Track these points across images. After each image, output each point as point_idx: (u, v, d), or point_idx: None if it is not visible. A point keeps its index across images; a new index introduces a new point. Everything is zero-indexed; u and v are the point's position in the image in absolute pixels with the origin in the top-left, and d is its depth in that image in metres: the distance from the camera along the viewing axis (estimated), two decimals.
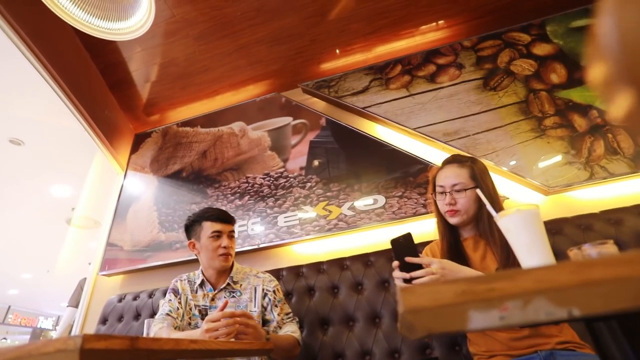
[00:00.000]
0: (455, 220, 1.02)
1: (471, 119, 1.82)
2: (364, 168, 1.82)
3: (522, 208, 0.49)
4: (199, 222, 1.22)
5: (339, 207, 1.75)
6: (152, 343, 0.46)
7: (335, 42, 2.21)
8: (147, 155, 2.43)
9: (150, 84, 2.43)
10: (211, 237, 1.19)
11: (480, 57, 1.99)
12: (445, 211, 1.03)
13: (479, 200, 1.00)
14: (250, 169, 2.01)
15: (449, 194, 1.02)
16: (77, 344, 0.37)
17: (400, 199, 1.68)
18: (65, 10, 1.20)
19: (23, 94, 2.54)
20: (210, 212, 1.23)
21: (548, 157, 1.61)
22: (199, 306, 1.18)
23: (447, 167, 1.07)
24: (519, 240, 0.48)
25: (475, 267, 0.99)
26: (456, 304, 0.18)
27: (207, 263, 1.23)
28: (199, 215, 1.24)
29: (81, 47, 2.13)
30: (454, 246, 1.03)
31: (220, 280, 1.24)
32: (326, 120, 2.03)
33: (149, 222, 2.13)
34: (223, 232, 1.21)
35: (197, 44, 2.15)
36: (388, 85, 2.04)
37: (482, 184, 1.01)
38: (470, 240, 1.05)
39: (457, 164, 1.06)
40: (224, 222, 1.22)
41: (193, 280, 1.25)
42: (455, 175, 1.03)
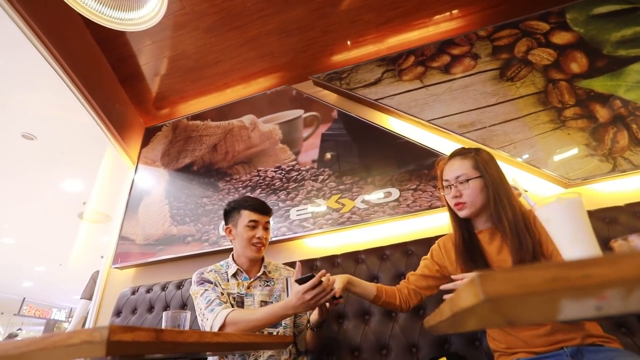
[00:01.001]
0: (464, 213, 0.99)
1: (487, 110, 1.78)
2: (377, 161, 1.79)
3: (564, 196, 0.46)
4: (238, 210, 1.23)
5: (352, 200, 1.73)
6: (177, 335, 0.45)
7: (346, 34, 2.17)
8: (158, 149, 2.43)
9: (160, 77, 2.42)
10: (247, 226, 1.20)
11: (497, 47, 1.93)
12: (453, 205, 1.01)
13: (486, 191, 0.97)
14: (261, 162, 2.00)
15: (454, 186, 1.00)
16: (104, 335, 0.35)
17: (415, 191, 1.65)
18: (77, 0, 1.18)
19: (36, 90, 2.55)
20: (250, 201, 1.24)
21: (568, 149, 1.56)
22: (233, 294, 1.18)
23: (451, 160, 1.05)
24: (561, 231, 0.46)
25: (491, 261, 0.96)
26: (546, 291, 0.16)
27: (240, 251, 1.24)
28: (238, 202, 1.25)
29: (92, 41, 2.13)
30: (468, 240, 1.00)
31: (254, 269, 1.26)
32: (338, 112, 2.00)
33: (161, 216, 2.13)
34: (259, 222, 1.22)
35: (207, 37, 2.13)
36: (401, 77, 2.00)
37: (485, 174, 0.98)
38: (485, 232, 1.01)
39: (460, 156, 1.04)
40: (262, 212, 1.23)
41: (222, 271, 1.24)
42: (457, 167, 1.01)
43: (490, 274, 0.18)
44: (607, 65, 1.67)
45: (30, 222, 5.26)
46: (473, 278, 0.18)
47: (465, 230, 1.02)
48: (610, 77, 1.65)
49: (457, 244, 1.02)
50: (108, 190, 3.62)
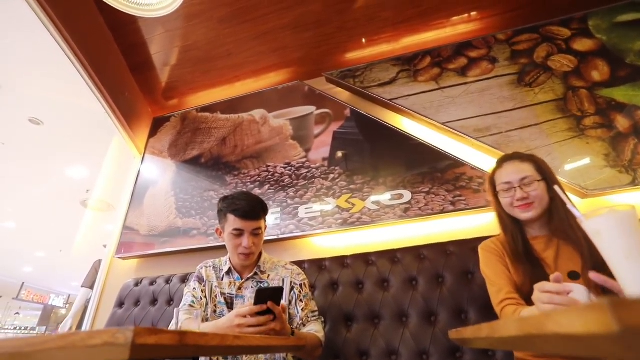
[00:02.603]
0: (531, 214, 0.96)
1: (504, 115, 1.74)
2: (389, 161, 1.76)
3: (617, 208, 0.44)
4: (225, 213, 1.14)
5: (363, 201, 1.70)
6: (199, 339, 0.42)
7: (362, 31, 2.13)
8: (166, 139, 2.40)
9: (170, 67, 2.39)
10: (232, 234, 1.12)
11: (515, 52, 1.90)
12: (517, 206, 0.97)
13: (550, 194, 0.96)
14: (270, 158, 1.97)
15: (519, 188, 0.97)
16: (129, 338, 0.33)
17: (427, 195, 1.62)
18: None
19: (45, 74, 2.53)
20: (238, 204, 1.13)
21: (586, 159, 1.53)
22: (224, 294, 1.14)
23: (509, 163, 1.04)
24: (614, 244, 0.43)
25: (548, 269, 0.92)
26: None
27: (230, 255, 1.19)
28: (227, 204, 1.15)
29: (104, 27, 2.10)
30: (522, 246, 0.96)
31: (247, 269, 1.19)
32: (351, 111, 1.96)
33: (166, 208, 2.11)
34: (245, 230, 1.11)
35: (221, 27, 2.10)
36: (416, 78, 1.97)
37: (549, 178, 0.98)
38: (540, 239, 0.98)
39: (519, 159, 1.03)
40: (250, 218, 1.12)
41: (219, 267, 1.21)
42: (521, 170, 1.00)
43: (625, 301, 0.15)
44: (629, 75, 1.63)
45: (32, 207, 5.25)
46: (600, 304, 0.15)
47: (519, 235, 0.99)
48: (633, 87, 1.61)
49: (512, 250, 0.97)
50: (113, 179, 3.60)
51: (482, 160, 1.67)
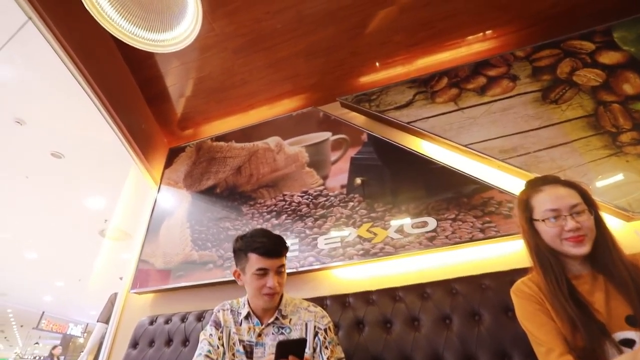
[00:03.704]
0: (585, 249, 0.83)
1: (530, 134, 1.66)
2: (411, 187, 1.68)
3: None
4: (245, 253, 1.07)
5: (385, 230, 1.61)
6: None
7: (375, 55, 2.12)
8: (181, 170, 2.40)
9: (185, 98, 2.42)
10: (256, 274, 1.05)
11: (537, 68, 1.83)
12: (567, 238, 0.84)
13: (597, 228, 0.84)
14: (287, 186, 1.92)
15: (570, 217, 0.84)
16: None
17: (454, 222, 1.53)
18: (111, 21, 1.17)
19: (65, 109, 2.60)
20: (258, 242, 1.06)
21: (628, 178, 1.41)
22: (243, 341, 1.06)
23: (553, 187, 0.90)
24: None
25: (599, 315, 0.78)
26: None
27: (251, 298, 1.11)
28: (247, 242, 1.08)
29: (122, 62, 2.15)
30: (565, 287, 0.82)
31: (268, 313, 1.11)
32: (368, 135, 1.91)
33: (182, 240, 2.06)
34: (270, 269, 1.05)
35: (234, 57, 2.12)
36: (434, 99, 1.91)
37: (594, 207, 0.86)
38: (584, 278, 0.85)
39: (562, 184, 0.90)
40: (274, 256, 1.06)
41: (237, 311, 1.14)
42: (569, 195, 0.87)
43: None
44: None
45: (52, 238, 5.35)
46: None
47: (561, 274, 0.84)
48: None
49: (554, 293, 0.82)
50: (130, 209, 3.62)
51: (511, 183, 1.57)
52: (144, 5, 1.25)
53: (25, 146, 3.22)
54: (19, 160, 3.49)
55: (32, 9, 1.55)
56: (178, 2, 1.26)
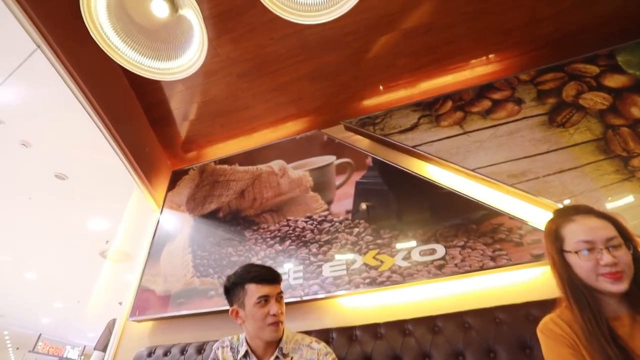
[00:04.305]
0: (623, 287, 0.75)
1: (538, 158, 1.63)
2: (417, 213, 1.64)
3: None
4: (242, 285, 1.05)
5: (392, 257, 1.56)
6: None
7: (378, 79, 2.12)
8: (184, 193, 2.37)
9: (189, 121, 2.42)
10: (258, 304, 1.02)
11: (542, 91, 1.82)
12: (604, 273, 0.77)
13: (637, 263, 0.77)
14: (291, 211, 1.89)
15: (605, 250, 0.77)
16: None
17: (463, 249, 1.48)
18: (117, 50, 1.17)
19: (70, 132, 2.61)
20: (254, 271, 1.05)
21: None
22: None
23: (586, 217, 0.83)
24: None
25: None
26: None
27: (254, 333, 1.06)
28: (241, 276, 1.06)
29: (127, 86, 2.17)
30: (606, 328, 0.74)
31: (268, 351, 1.06)
32: (372, 159, 1.89)
33: (183, 265, 2.02)
34: (271, 295, 1.03)
35: (239, 82, 2.13)
36: (439, 122, 1.90)
37: (634, 244, 0.79)
38: (623, 321, 0.77)
39: (595, 215, 0.83)
40: (272, 282, 1.04)
41: (236, 348, 1.08)
42: (605, 227, 0.80)
43: None
44: None
45: (53, 258, 5.30)
46: None
47: (598, 313, 0.76)
48: None
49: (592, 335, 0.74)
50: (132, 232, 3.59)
51: (521, 208, 1.53)
52: (150, 34, 1.26)
53: (30, 167, 3.23)
54: (23, 182, 3.50)
55: (41, 38, 1.57)
56: (184, 30, 1.27)
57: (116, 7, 1.20)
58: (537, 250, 1.37)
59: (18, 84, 2.09)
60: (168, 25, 1.28)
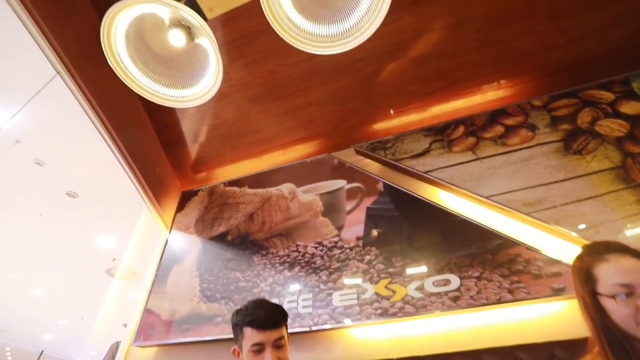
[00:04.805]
0: None
1: (555, 187, 1.59)
2: (430, 241, 1.60)
3: None
4: (241, 328, 1.00)
5: (404, 287, 1.51)
6: None
7: (389, 103, 2.13)
8: (193, 214, 2.37)
9: (200, 143, 2.45)
10: (252, 351, 0.96)
11: (556, 117, 1.80)
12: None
13: None
14: (300, 236, 1.86)
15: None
16: None
17: (479, 280, 1.43)
18: (134, 79, 1.19)
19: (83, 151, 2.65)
20: (253, 314, 1.00)
21: None
22: None
23: (622, 256, 0.77)
24: None
25: None
26: None
27: None
28: (242, 316, 1.02)
29: (142, 109, 2.21)
30: None
31: None
32: (383, 184, 1.87)
33: (190, 289, 1.99)
34: (266, 343, 0.97)
35: (250, 106, 2.15)
36: (451, 148, 1.88)
37: None
38: None
39: (632, 254, 0.77)
40: (269, 328, 0.98)
41: None
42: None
43: None
44: None
45: (60, 275, 5.30)
46: None
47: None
48: None
49: None
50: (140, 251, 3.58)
51: (538, 238, 1.48)
52: (166, 62, 1.28)
53: (42, 186, 3.27)
54: (35, 199, 3.54)
55: (61, 64, 1.62)
56: (199, 59, 1.29)
57: (134, 37, 1.23)
58: (558, 283, 1.31)
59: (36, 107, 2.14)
60: (184, 54, 1.30)
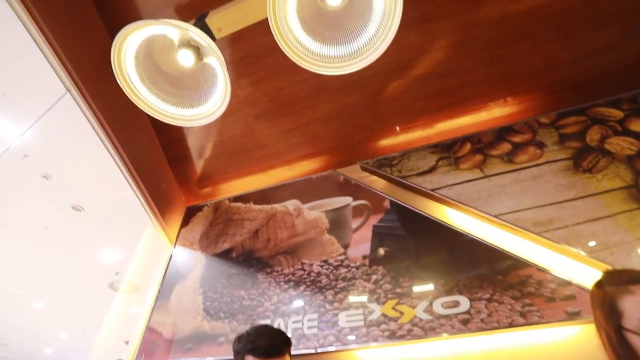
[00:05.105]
0: None
1: (565, 206, 1.56)
2: (438, 261, 1.57)
3: None
4: (242, 355, 0.99)
5: (412, 308, 1.47)
6: None
7: (395, 120, 2.13)
8: (197, 230, 2.35)
9: (205, 159, 2.45)
10: None
11: (564, 135, 1.78)
12: None
13: None
14: (306, 254, 1.83)
15: None
16: None
17: (489, 302, 1.39)
18: (143, 99, 1.20)
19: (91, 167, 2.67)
20: (255, 341, 0.98)
21: None
22: None
23: None
24: None
25: None
26: None
27: None
28: (243, 343, 1.00)
29: (149, 127, 2.23)
30: None
31: None
32: (390, 202, 1.85)
33: (193, 307, 1.96)
34: None
35: (256, 122, 2.16)
36: (458, 165, 1.87)
37: None
38: None
39: None
40: (272, 356, 0.96)
41: None
42: None
43: None
44: None
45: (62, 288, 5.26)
46: None
47: None
48: None
49: None
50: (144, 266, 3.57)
51: (550, 259, 1.44)
52: (174, 82, 1.29)
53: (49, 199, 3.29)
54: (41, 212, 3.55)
55: (71, 82, 1.64)
56: (207, 78, 1.30)
57: (144, 57, 1.24)
58: (572, 307, 1.27)
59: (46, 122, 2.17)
60: (192, 73, 1.31)
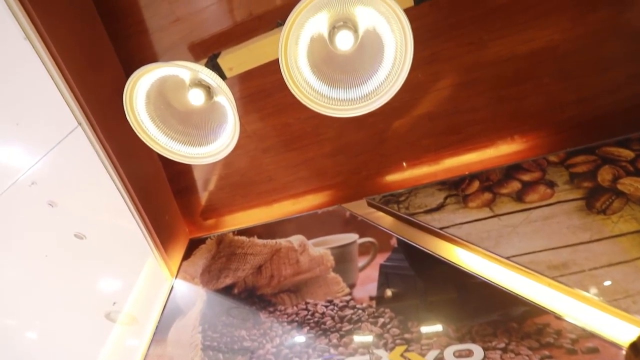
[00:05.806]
0: None
1: (580, 249, 1.51)
2: (449, 305, 1.50)
3: None
4: None
5: (423, 357, 1.39)
6: None
7: (402, 156, 2.13)
8: (199, 263, 2.30)
9: (210, 191, 2.45)
10: None
11: (574, 174, 1.76)
12: None
13: None
14: (310, 293, 1.77)
15: None
16: None
17: (505, 352, 1.31)
18: (154, 138, 1.21)
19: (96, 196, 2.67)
20: None
21: None
22: None
23: None
24: None
25: None
26: None
27: None
28: None
29: (156, 159, 2.24)
30: None
31: None
32: (397, 240, 1.80)
33: (192, 346, 1.87)
34: None
35: (263, 156, 2.17)
36: (467, 203, 1.83)
37: None
38: None
39: None
40: None
41: None
42: None
43: None
44: None
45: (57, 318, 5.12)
46: None
47: None
48: None
49: None
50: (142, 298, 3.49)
51: (568, 306, 1.37)
52: (184, 120, 1.31)
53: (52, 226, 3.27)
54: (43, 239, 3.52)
55: (83, 116, 1.67)
56: (217, 117, 1.32)
57: (155, 96, 1.27)
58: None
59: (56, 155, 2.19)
60: (202, 111, 1.34)
